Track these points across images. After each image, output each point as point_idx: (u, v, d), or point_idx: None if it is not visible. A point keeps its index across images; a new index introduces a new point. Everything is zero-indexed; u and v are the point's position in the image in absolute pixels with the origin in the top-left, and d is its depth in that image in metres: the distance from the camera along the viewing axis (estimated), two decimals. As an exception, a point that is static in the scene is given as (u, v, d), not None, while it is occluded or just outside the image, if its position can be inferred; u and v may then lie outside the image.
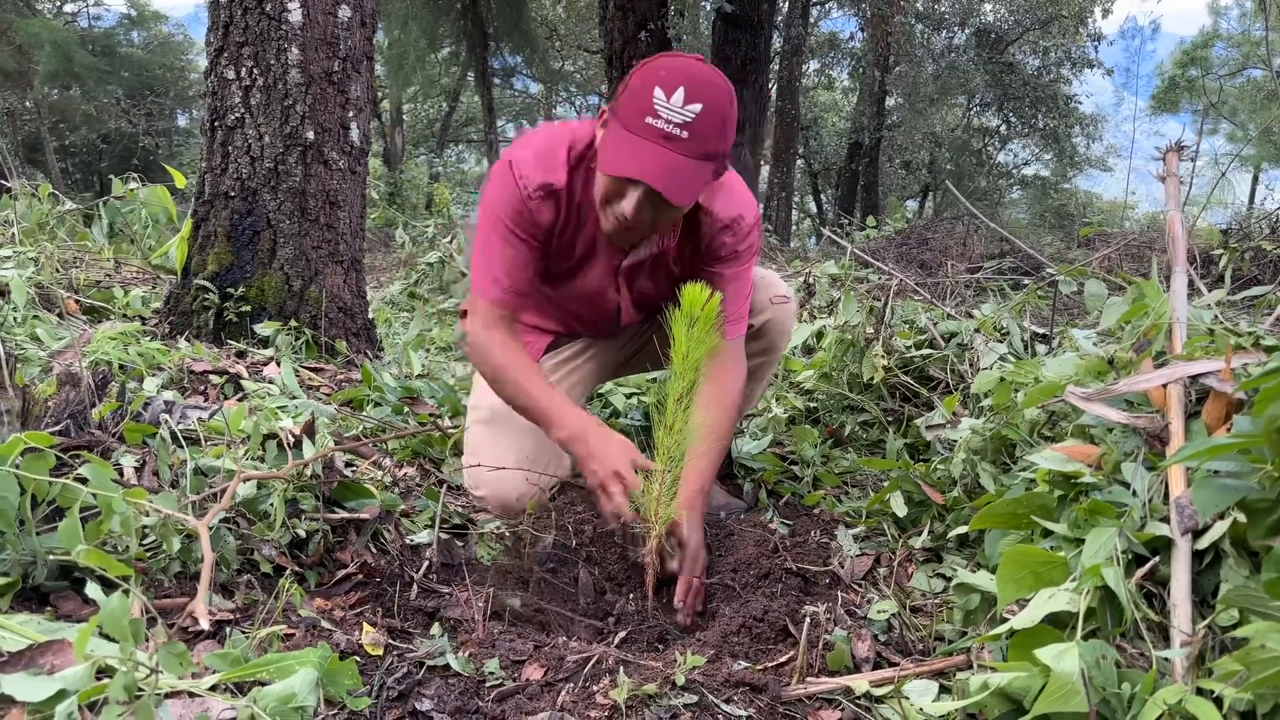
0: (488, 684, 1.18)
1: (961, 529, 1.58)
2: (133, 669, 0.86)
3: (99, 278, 3.64)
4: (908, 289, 3.24)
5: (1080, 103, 17.34)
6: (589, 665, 1.22)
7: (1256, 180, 22.20)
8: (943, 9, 15.21)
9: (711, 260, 1.77)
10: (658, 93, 1.44)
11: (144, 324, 3.03)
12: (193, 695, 0.97)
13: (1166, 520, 1.18)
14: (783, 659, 1.32)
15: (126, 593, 0.94)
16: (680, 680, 1.18)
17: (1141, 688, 1.00)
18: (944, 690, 1.22)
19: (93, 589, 1.01)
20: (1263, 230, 5.03)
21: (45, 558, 1.20)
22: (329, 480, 1.61)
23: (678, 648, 1.35)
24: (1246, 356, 1.32)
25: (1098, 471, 1.34)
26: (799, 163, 18.98)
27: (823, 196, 23.44)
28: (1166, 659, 1.04)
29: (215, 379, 2.36)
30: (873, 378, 2.41)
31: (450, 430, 2.19)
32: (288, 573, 1.39)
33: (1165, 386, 1.36)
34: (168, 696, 0.95)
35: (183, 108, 20.36)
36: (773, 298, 1.97)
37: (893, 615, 1.47)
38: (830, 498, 2.06)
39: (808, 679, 1.25)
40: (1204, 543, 1.12)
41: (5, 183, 4.32)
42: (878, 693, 1.22)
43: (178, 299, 2.89)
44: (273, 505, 1.46)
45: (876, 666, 1.32)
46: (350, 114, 2.98)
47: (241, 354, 2.72)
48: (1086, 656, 1.00)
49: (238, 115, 2.84)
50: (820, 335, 2.95)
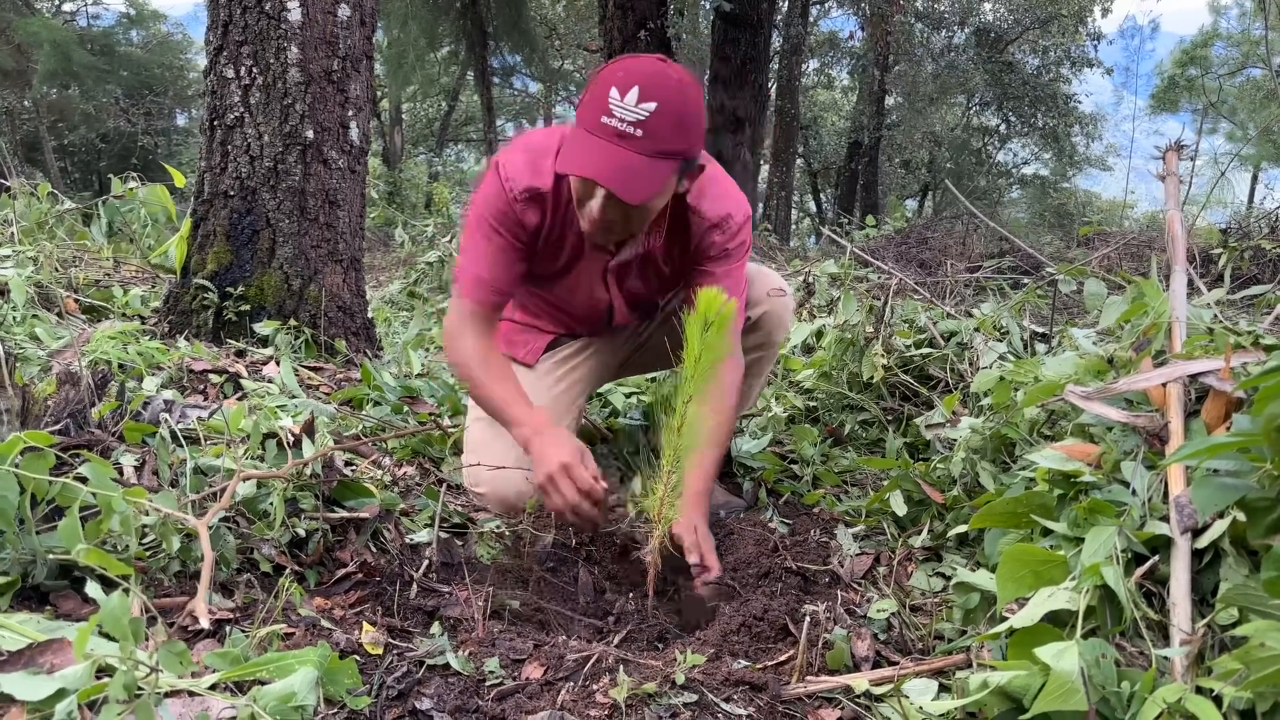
0: (488, 683, 1.18)
1: (961, 528, 1.58)
2: (132, 668, 0.86)
3: (98, 277, 3.63)
4: (907, 288, 3.24)
5: (1080, 102, 17.35)
6: (589, 664, 1.22)
7: (1256, 179, 22.21)
8: (942, 8, 15.21)
9: (702, 259, 1.77)
10: (613, 93, 1.45)
11: (143, 323, 3.02)
12: (192, 694, 0.97)
13: (1166, 519, 1.18)
14: (782, 658, 1.32)
15: (126, 592, 0.94)
16: (680, 679, 1.18)
17: (1141, 686, 1.00)
18: (943, 689, 1.22)
19: (92, 588, 1.01)
20: (1262, 229, 5.03)
21: (45, 557, 1.20)
22: (328, 479, 1.61)
23: (677, 647, 1.35)
24: (1246, 355, 1.32)
25: (1097, 470, 1.34)
26: (798, 162, 18.97)
27: (822, 196, 23.44)
28: (1166, 658, 1.04)
29: (214, 378, 2.36)
30: (872, 377, 2.42)
31: (450, 429, 2.19)
32: (287, 572, 1.39)
33: (1165, 385, 1.36)
34: (167, 695, 0.95)
35: (182, 107, 20.36)
36: (770, 290, 1.97)
37: (892, 614, 1.47)
38: (830, 497, 2.06)
39: (807, 678, 1.25)
40: (1203, 541, 1.12)
41: (4, 182, 4.31)
42: (877, 691, 1.22)
43: (177, 298, 2.89)
44: (272, 504, 1.46)
45: (876, 665, 1.32)
46: (350, 113, 2.98)
47: (241, 353, 2.72)
48: (1086, 655, 1.00)
49: (237, 114, 2.83)
50: (820, 334, 2.95)
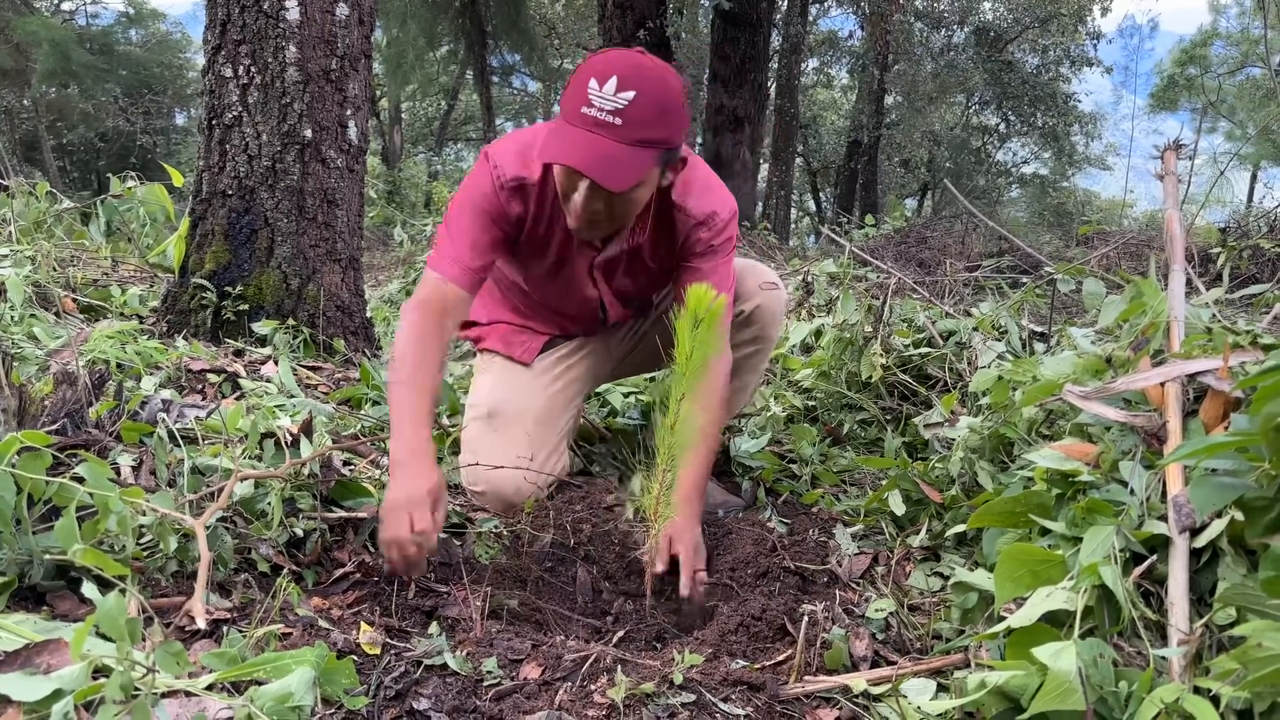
0: (485, 683, 1.18)
1: (959, 527, 1.58)
2: (129, 668, 0.86)
3: (96, 276, 3.63)
4: (906, 287, 3.24)
5: (1079, 101, 17.36)
6: (587, 664, 1.22)
7: (1255, 178, 22.22)
8: (941, 7, 15.22)
9: (689, 256, 1.77)
10: (592, 83, 1.46)
11: (141, 322, 3.02)
12: (190, 694, 0.97)
13: (1164, 519, 1.18)
14: (780, 658, 1.32)
15: (123, 592, 0.94)
16: (678, 679, 1.18)
17: (1139, 686, 1.00)
18: (941, 689, 1.22)
19: (89, 588, 1.01)
20: (1261, 229, 5.03)
21: (42, 557, 1.19)
22: (326, 479, 1.61)
23: (675, 647, 1.35)
24: (1244, 355, 1.32)
25: (1095, 470, 1.34)
26: (798, 161, 18.97)
27: (821, 195, 23.44)
28: (1164, 657, 1.04)
29: (213, 377, 2.36)
30: (871, 376, 2.41)
31: (449, 428, 2.19)
32: (285, 572, 1.39)
33: (1163, 385, 1.36)
34: (164, 696, 0.94)
35: (181, 106, 20.34)
36: (761, 284, 1.97)
37: (890, 614, 1.47)
38: (828, 496, 2.06)
39: (805, 678, 1.25)
40: (1201, 541, 1.12)
41: (3, 181, 4.31)
42: (875, 691, 1.22)
43: (175, 297, 2.89)
44: (270, 505, 1.46)
45: (874, 665, 1.32)
46: (348, 112, 2.98)
47: (239, 352, 2.71)
48: (1084, 655, 1.00)
49: (235, 113, 2.83)
50: (819, 334, 2.95)
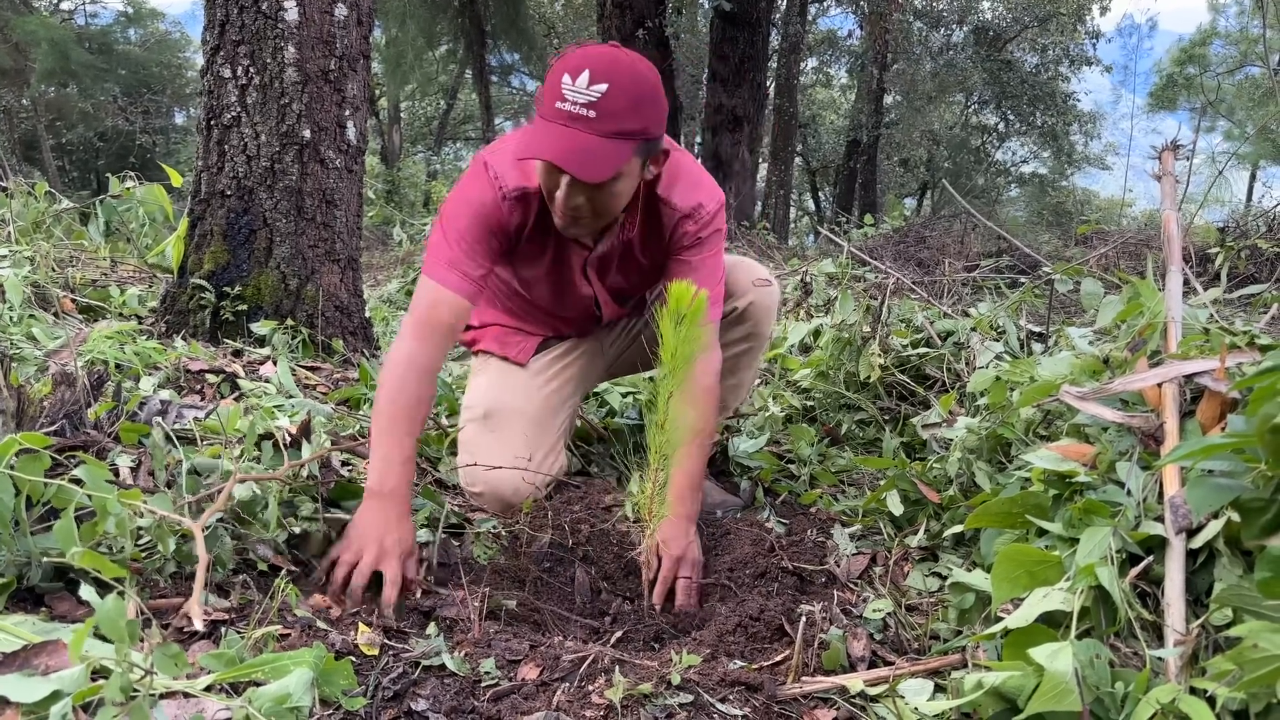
0: (483, 684, 1.18)
1: (957, 528, 1.58)
2: (128, 670, 0.86)
3: (95, 276, 3.63)
4: (905, 287, 3.25)
5: (1078, 100, 17.37)
6: (585, 665, 1.22)
7: (1254, 178, 22.22)
8: (941, 6, 15.22)
9: (677, 249, 1.77)
10: (565, 78, 1.46)
11: (140, 323, 3.02)
12: (188, 696, 0.97)
13: (1161, 519, 1.18)
14: (778, 658, 1.32)
15: (121, 594, 0.94)
16: (676, 680, 1.18)
17: (1135, 687, 1.01)
18: (939, 689, 1.22)
19: (87, 590, 1.02)
20: (1259, 228, 5.03)
21: (40, 559, 1.20)
22: (326, 480, 1.61)
23: (673, 647, 1.35)
24: (1241, 355, 1.32)
25: (1092, 471, 1.34)
26: (797, 160, 18.98)
27: (821, 194, 23.44)
28: (1160, 658, 1.05)
29: (211, 378, 2.36)
30: (869, 376, 2.42)
31: (448, 428, 2.19)
32: (283, 572, 1.39)
33: (1160, 386, 1.36)
34: (163, 697, 0.95)
35: (180, 106, 20.34)
36: (755, 280, 1.97)
37: (888, 614, 1.47)
38: (827, 496, 2.06)
39: (803, 678, 1.25)
40: (1198, 542, 1.12)
41: (1, 181, 4.31)
42: (873, 692, 1.23)
43: (174, 298, 2.89)
44: (270, 507, 1.46)
45: (872, 665, 1.32)
46: (347, 112, 2.98)
47: (238, 353, 2.71)
48: (1080, 656, 1.00)
49: (234, 114, 2.83)
50: (817, 334, 2.95)
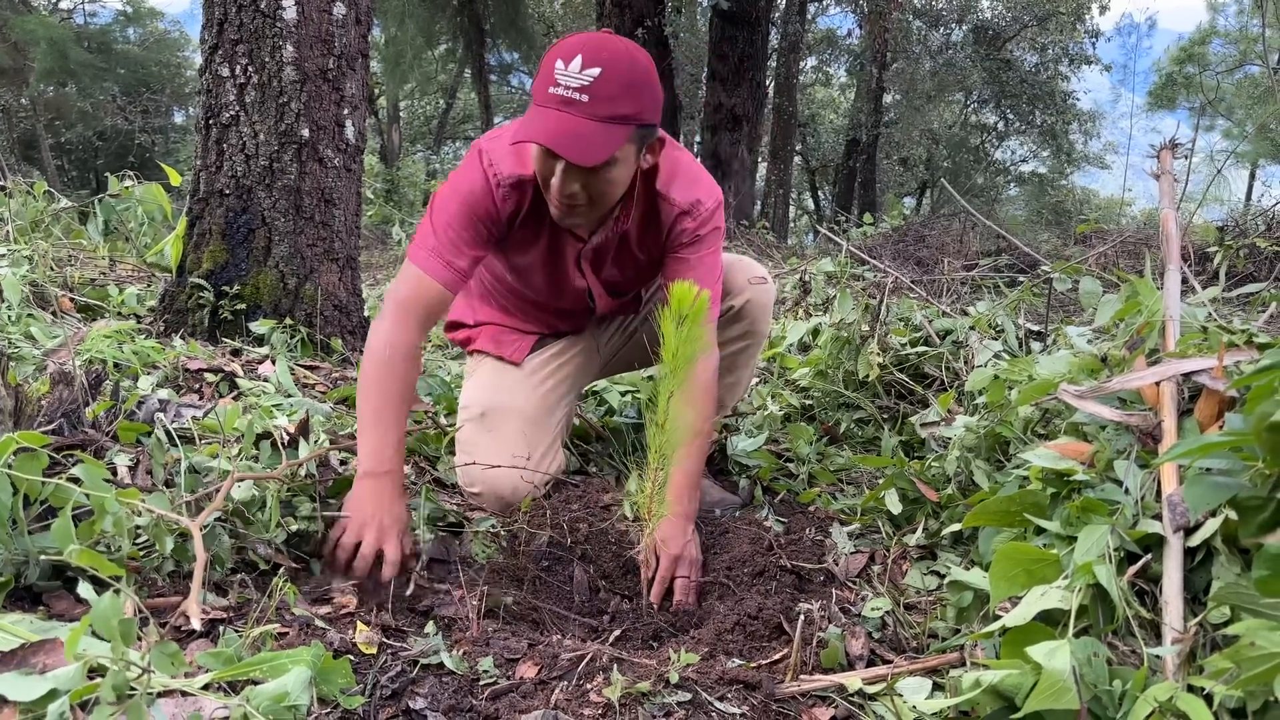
0: (481, 682, 1.18)
1: (955, 526, 1.58)
2: (124, 668, 0.86)
3: (94, 276, 3.62)
4: (903, 286, 3.25)
5: (1077, 99, 17.38)
6: (583, 663, 1.22)
7: (1253, 176, 22.23)
8: (940, 5, 15.22)
9: (675, 246, 1.77)
10: (558, 63, 1.46)
11: (139, 322, 3.02)
12: (185, 694, 0.97)
13: (1159, 518, 1.18)
14: (776, 656, 1.33)
15: (118, 592, 0.94)
16: (674, 678, 1.18)
17: (1133, 685, 1.01)
18: (937, 688, 1.22)
19: (85, 589, 1.02)
20: (1258, 227, 5.04)
21: (38, 557, 1.19)
22: (324, 479, 1.61)
23: (672, 645, 1.35)
24: (1239, 354, 1.32)
25: (1090, 469, 1.34)
26: (796, 160, 18.98)
27: (820, 193, 23.45)
28: (1158, 656, 1.05)
29: (210, 377, 2.36)
30: (868, 375, 2.42)
31: (446, 427, 2.19)
32: (281, 571, 1.39)
33: (1158, 384, 1.36)
34: (160, 696, 0.95)
35: (179, 105, 20.33)
36: (751, 279, 1.97)
37: (887, 613, 1.47)
38: (825, 495, 2.06)
39: (801, 676, 1.25)
40: (1196, 540, 1.12)
41: (0, 180, 4.30)
42: (871, 690, 1.23)
43: (173, 297, 2.88)
44: (268, 505, 1.46)
45: (870, 664, 1.32)
46: (345, 111, 2.98)
47: (236, 352, 2.71)
48: (1078, 654, 1.00)
49: (232, 113, 2.83)
50: (816, 333, 2.95)
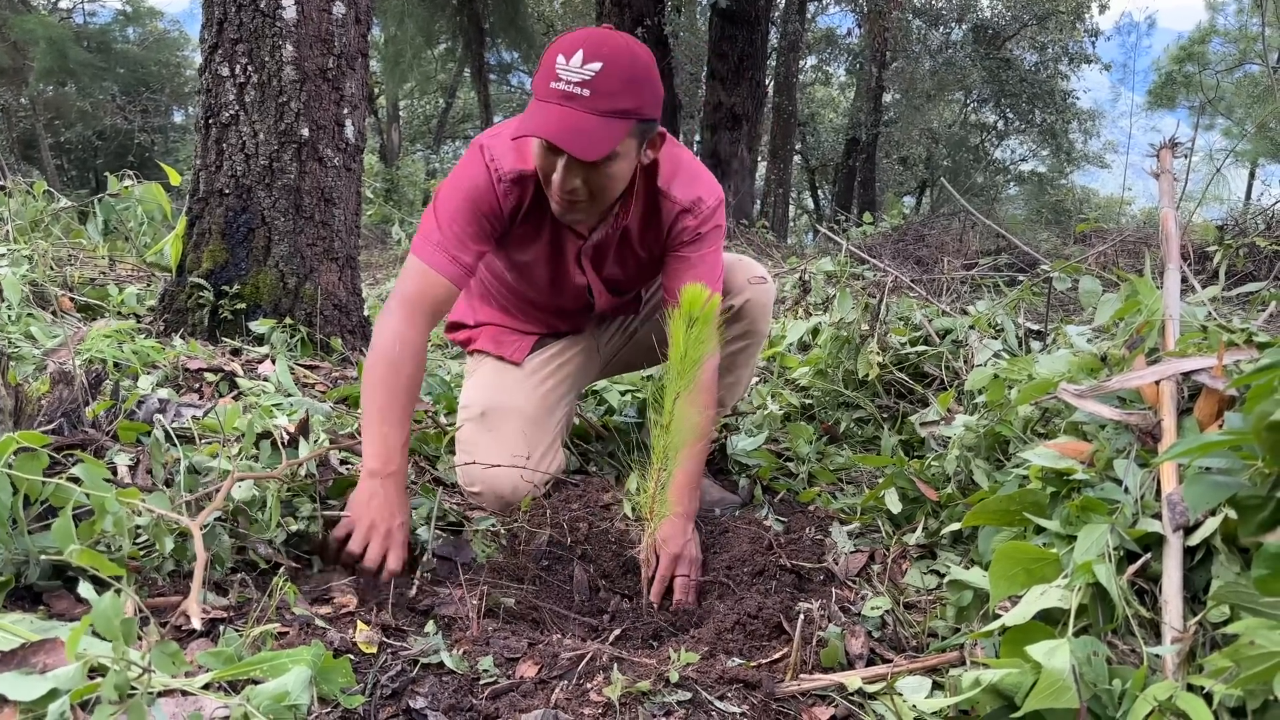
0: (482, 681, 1.19)
1: (955, 525, 1.58)
2: (125, 668, 0.87)
3: (93, 275, 3.63)
4: (903, 285, 3.25)
5: (1077, 98, 17.38)
6: (583, 662, 1.22)
7: (1253, 175, 22.23)
8: (939, 4, 15.21)
9: (676, 245, 1.77)
10: (559, 59, 1.46)
11: (139, 321, 3.02)
12: (186, 694, 0.97)
13: (1158, 517, 1.18)
14: (776, 656, 1.33)
15: (119, 592, 0.94)
16: (674, 677, 1.18)
17: (1132, 684, 1.01)
18: (936, 687, 1.22)
19: (85, 588, 1.02)
20: (1258, 226, 5.04)
21: (38, 557, 1.20)
22: (324, 478, 1.61)
23: (672, 645, 1.35)
24: (1239, 353, 1.32)
25: (1090, 468, 1.34)
26: (796, 159, 18.98)
27: (820, 192, 23.45)
28: (1158, 655, 1.05)
29: (210, 377, 2.36)
30: (868, 374, 2.42)
31: (446, 426, 2.19)
32: (281, 571, 1.39)
33: (1158, 383, 1.36)
34: (160, 695, 0.95)
35: (178, 104, 20.33)
36: (751, 278, 1.97)
37: (886, 612, 1.47)
38: (825, 494, 2.06)
39: (801, 676, 1.25)
40: (1195, 539, 1.12)
41: (0, 180, 4.30)
42: (871, 689, 1.23)
43: (172, 296, 2.88)
44: (268, 505, 1.46)
45: (870, 663, 1.33)
46: (345, 111, 2.98)
47: (236, 351, 2.71)
48: (1078, 653, 1.00)
49: (232, 112, 2.83)
50: (816, 332, 2.95)
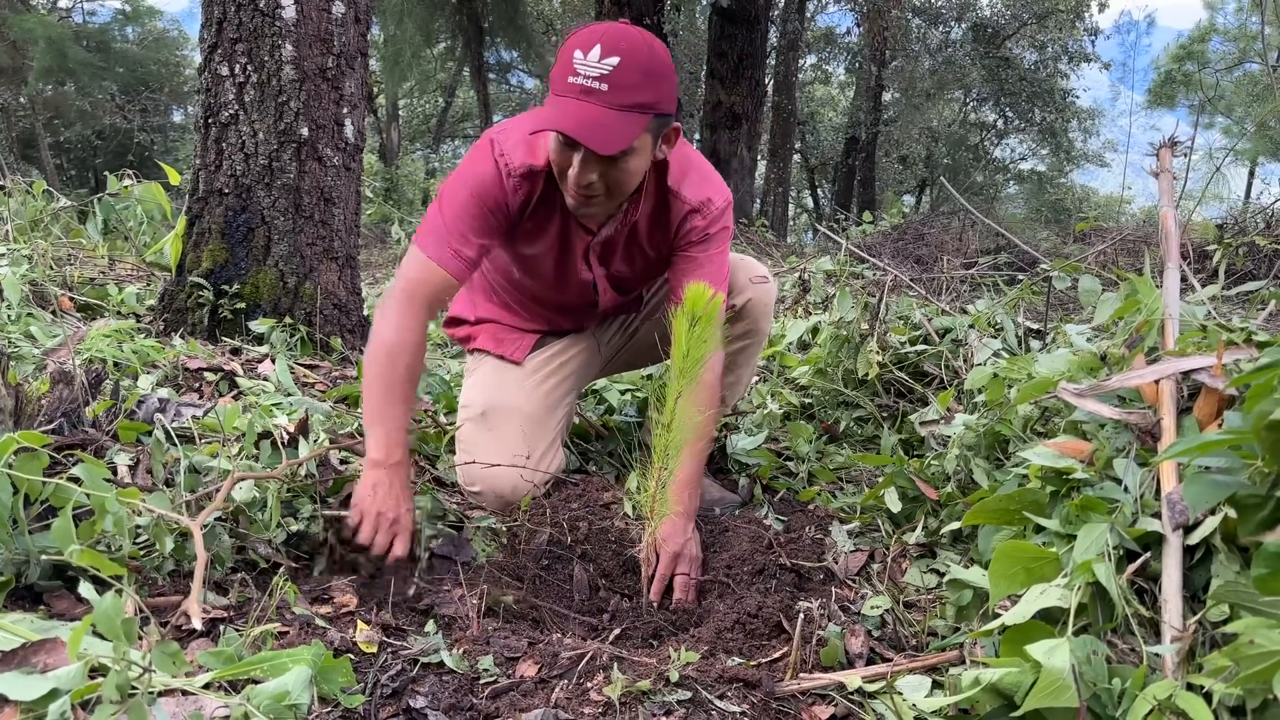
0: (482, 681, 1.19)
1: (955, 524, 1.58)
2: (126, 668, 0.87)
3: (93, 275, 3.62)
4: (903, 284, 3.25)
5: (1077, 97, 17.38)
6: (583, 662, 1.22)
7: (1253, 174, 22.22)
8: (939, 3, 15.21)
9: (684, 244, 1.77)
10: (577, 53, 1.47)
11: (138, 321, 3.02)
12: (186, 693, 0.97)
13: (1158, 516, 1.19)
14: (776, 655, 1.33)
15: (119, 592, 0.94)
16: (674, 676, 1.19)
17: (1132, 683, 1.01)
18: (936, 686, 1.22)
19: (86, 588, 1.02)
20: (1258, 225, 5.04)
21: (39, 557, 1.20)
22: (324, 478, 1.61)
23: (672, 644, 1.35)
24: (1238, 352, 1.32)
25: (1090, 467, 1.34)
26: (795, 158, 18.98)
27: (819, 192, 23.45)
28: (1157, 654, 1.05)
29: (210, 376, 2.36)
30: (867, 373, 2.42)
31: (446, 426, 2.19)
32: (281, 570, 1.39)
33: (1157, 382, 1.37)
34: (161, 695, 0.95)
35: (178, 104, 20.31)
36: (752, 278, 1.98)
37: (886, 611, 1.47)
38: (825, 493, 2.06)
39: (801, 675, 1.25)
40: (1195, 538, 1.13)
41: (0, 179, 4.30)
42: (870, 688, 1.23)
43: (172, 296, 2.88)
44: (269, 505, 1.46)
45: (870, 662, 1.33)
46: (344, 110, 2.98)
47: (236, 351, 2.71)
48: (1077, 652, 1.01)
49: (232, 112, 2.83)
50: (815, 331, 2.95)
